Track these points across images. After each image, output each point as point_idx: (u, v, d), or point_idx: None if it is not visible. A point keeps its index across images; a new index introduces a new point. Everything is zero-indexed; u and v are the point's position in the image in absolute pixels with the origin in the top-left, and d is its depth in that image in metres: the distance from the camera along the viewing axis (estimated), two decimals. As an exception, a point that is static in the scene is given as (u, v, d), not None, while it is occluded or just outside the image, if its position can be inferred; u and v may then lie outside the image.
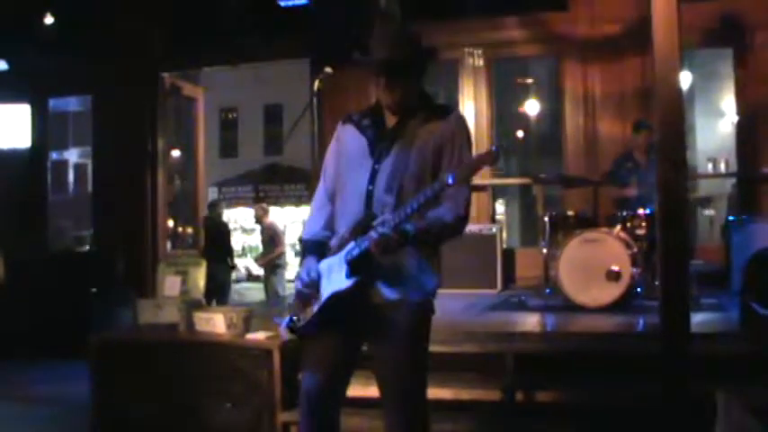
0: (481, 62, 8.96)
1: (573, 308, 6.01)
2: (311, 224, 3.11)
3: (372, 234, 2.73)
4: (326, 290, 2.87)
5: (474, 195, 8.95)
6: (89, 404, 5.10)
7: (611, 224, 6.46)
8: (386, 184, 2.88)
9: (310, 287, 2.92)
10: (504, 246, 8.37)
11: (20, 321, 8.36)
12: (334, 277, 2.86)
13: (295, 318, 2.98)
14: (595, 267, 5.98)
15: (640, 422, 4.17)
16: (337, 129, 3.16)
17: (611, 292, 5.95)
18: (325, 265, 2.93)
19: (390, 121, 3.01)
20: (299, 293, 2.99)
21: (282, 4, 8.54)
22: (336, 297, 2.82)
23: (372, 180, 2.91)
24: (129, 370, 5.02)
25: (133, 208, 9.21)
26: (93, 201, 10.18)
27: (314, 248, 3.02)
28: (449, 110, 3.05)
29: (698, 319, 4.95)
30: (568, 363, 4.60)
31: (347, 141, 3.07)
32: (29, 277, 9.06)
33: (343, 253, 2.85)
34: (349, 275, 2.80)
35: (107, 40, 9.15)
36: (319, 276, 2.92)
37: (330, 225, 3.06)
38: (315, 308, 2.90)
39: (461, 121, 3.04)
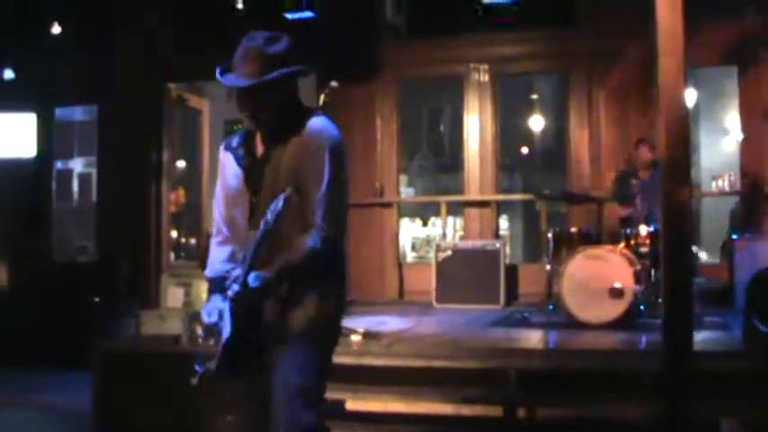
0: (486, 77, 8.97)
1: (575, 325, 6.00)
2: (212, 260, 2.91)
3: (229, 294, 2.63)
4: (225, 334, 2.70)
5: (478, 211, 9.01)
6: (91, 413, 5.11)
7: (615, 241, 6.46)
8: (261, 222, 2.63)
9: (212, 330, 2.76)
10: (508, 261, 8.36)
11: (23, 329, 8.36)
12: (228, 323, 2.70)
13: (205, 365, 2.79)
14: (598, 284, 5.97)
15: (642, 440, 4.17)
16: (220, 155, 2.91)
17: (614, 310, 5.93)
18: (225, 306, 2.73)
19: (262, 145, 2.74)
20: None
21: (289, 17, 8.57)
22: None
23: (251, 217, 2.72)
24: (131, 380, 5.02)
25: (137, 218, 9.22)
26: (98, 210, 10.19)
27: (218, 286, 2.82)
28: (305, 121, 2.69)
29: (701, 337, 4.94)
30: (570, 380, 4.59)
31: (228, 172, 2.84)
32: (32, 285, 9.09)
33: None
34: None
35: (113, 51, 9.20)
36: (221, 317, 2.71)
37: (231, 257, 2.86)
38: (218, 353, 2.72)
39: (320, 133, 2.68)
